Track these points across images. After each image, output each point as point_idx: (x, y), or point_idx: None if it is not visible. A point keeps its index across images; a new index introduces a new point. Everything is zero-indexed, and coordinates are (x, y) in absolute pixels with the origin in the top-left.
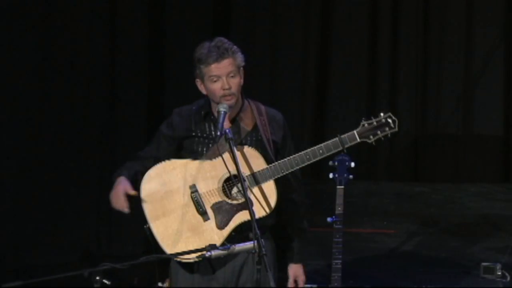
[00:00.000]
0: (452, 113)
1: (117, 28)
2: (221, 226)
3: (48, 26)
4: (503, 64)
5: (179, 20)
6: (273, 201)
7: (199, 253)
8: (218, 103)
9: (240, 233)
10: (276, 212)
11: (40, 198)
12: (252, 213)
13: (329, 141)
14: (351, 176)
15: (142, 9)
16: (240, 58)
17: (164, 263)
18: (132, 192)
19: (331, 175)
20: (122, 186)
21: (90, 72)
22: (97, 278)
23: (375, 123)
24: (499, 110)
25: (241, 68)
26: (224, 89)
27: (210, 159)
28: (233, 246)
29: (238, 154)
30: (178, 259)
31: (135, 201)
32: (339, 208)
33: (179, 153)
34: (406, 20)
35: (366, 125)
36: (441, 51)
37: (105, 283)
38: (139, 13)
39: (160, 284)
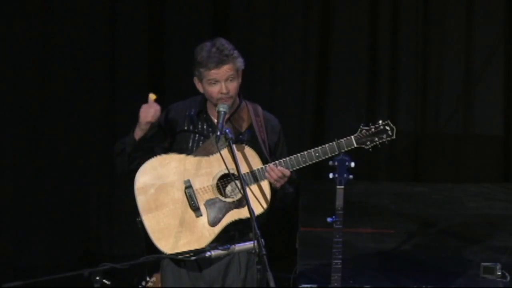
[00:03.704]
0: (452, 113)
1: (117, 28)
2: (213, 223)
3: (48, 25)
4: (503, 64)
5: (179, 20)
6: (267, 199)
7: (199, 254)
8: (215, 104)
9: (226, 232)
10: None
11: (40, 198)
12: (252, 213)
13: (326, 145)
14: (351, 176)
15: (142, 9)
16: (240, 62)
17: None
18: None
19: (331, 175)
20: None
21: (90, 72)
22: (97, 278)
23: (373, 129)
24: (499, 110)
25: (240, 70)
26: (221, 93)
27: (206, 155)
28: (233, 246)
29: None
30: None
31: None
32: (339, 208)
33: (169, 148)
34: (406, 20)
35: (364, 131)
36: (441, 51)
37: (105, 283)
38: (139, 12)
39: (148, 279)
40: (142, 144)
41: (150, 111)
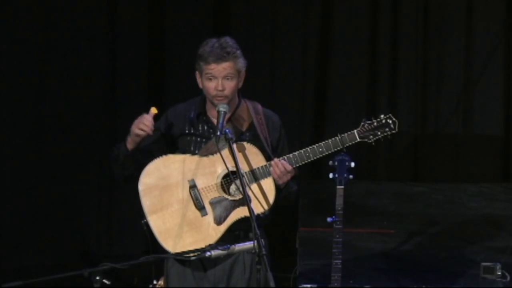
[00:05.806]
0: (452, 113)
1: (117, 28)
2: (218, 221)
3: (48, 26)
4: (503, 64)
5: (179, 20)
6: (271, 198)
7: (199, 254)
8: (211, 102)
9: (230, 232)
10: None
11: (40, 198)
12: (251, 212)
13: (329, 140)
14: (351, 176)
15: (142, 9)
16: (241, 63)
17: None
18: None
19: (331, 175)
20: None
21: (90, 72)
22: (97, 278)
23: (375, 123)
24: (499, 110)
25: (241, 72)
26: (217, 90)
27: (209, 155)
28: (233, 246)
29: (237, 150)
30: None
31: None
32: (339, 208)
33: (172, 152)
34: (406, 20)
35: (366, 125)
36: (441, 51)
37: (105, 283)
38: (139, 13)
39: (154, 282)
40: (135, 154)
41: (140, 125)
